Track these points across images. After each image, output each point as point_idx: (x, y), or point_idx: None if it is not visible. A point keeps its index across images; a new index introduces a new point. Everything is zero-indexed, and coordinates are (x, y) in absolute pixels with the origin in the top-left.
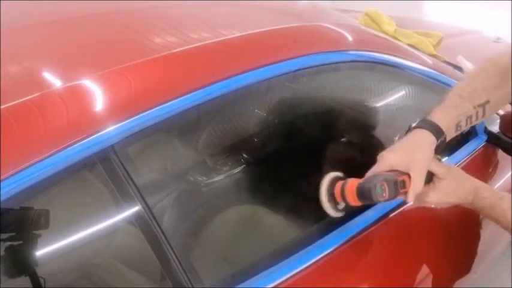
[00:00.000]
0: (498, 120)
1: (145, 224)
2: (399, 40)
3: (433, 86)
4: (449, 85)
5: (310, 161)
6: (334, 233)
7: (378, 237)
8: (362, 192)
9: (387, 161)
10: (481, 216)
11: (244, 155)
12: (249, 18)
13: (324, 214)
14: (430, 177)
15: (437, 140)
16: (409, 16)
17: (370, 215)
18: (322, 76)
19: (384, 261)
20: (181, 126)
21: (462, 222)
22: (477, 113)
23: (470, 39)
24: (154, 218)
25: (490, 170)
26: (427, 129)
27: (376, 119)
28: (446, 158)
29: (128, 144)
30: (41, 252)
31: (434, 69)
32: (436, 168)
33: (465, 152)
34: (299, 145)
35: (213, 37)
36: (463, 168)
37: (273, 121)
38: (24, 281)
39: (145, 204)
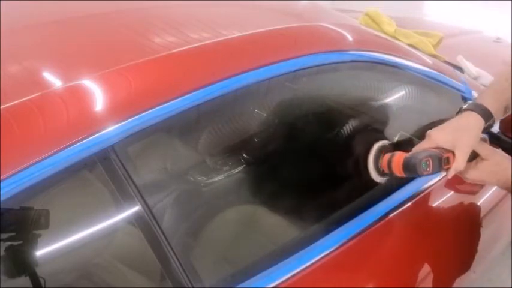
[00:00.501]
0: (498, 121)
1: (145, 224)
2: (399, 40)
3: (433, 86)
4: (449, 85)
5: (310, 161)
6: (334, 232)
7: (378, 237)
8: (408, 166)
9: (435, 139)
10: (481, 215)
11: (244, 155)
12: (249, 18)
13: (324, 214)
14: (473, 156)
15: (486, 123)
16: (409, 16)
17: (370, 215)
18: (322, 76)
19: (385, 261)
20: (181, 126)
21: (463, 221)
22: None
23: (470, 39)
24: (154, 218)
25: None
26: (477, 112)
27: (376, 119)
28: None
29: (128, 144)
30: (41, 252)
31: (434, 69)
32: (481, 148)
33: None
34: (299, 145)
35: (213, 37)
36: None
37: (273, 121)
38: (24, 281)
39: (145, 204)
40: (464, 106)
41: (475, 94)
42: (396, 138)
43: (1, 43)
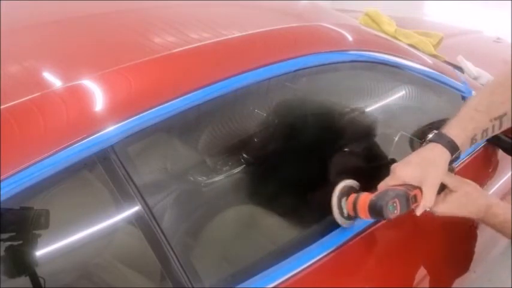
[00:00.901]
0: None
1: (145, 224)
2: (399, 40)
3: (433, 86)
4: (449, 85)
5: (310, 161)
6: (334, 233)
7: (378, 238)
8: (374, 209)
9: (400, 175)
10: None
11: (244, 155)
12: (249, 18)
13: (324, 214)
14: (441, 188)
15: (452, 156)
16: (409, 16)
17: None
18: (322, 76)
19: (384, 261)
20: (181, 126)
21: (461, 221)
22: (493, 126)
23: (470, 39)
24: (154, 218)
25: (490, 170)
26: (442, 145)
27: (376, 119)
28: None
29: (128, 144)
30: (41, 252)
31: (434, 69)
32: (448, 180)
33: (465, 152)
34: (299, 145)
35: (213, 37)
36: (463, 168)
37: (273, 121)
38: (24, 281)
39: (145, 204)
40: (429, 137)
41: (475, 94)
42: (396, 139)
43: (1, 43)
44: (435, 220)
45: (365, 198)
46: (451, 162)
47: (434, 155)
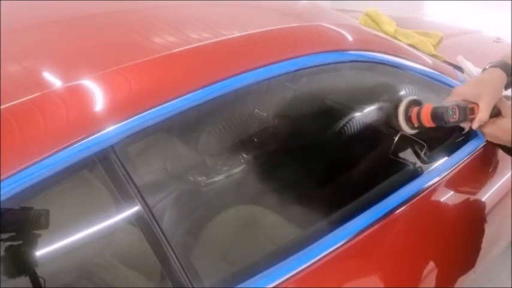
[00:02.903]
0: None
1: (145, 224)
2: (399, 40)
3: (433, 86)
4: (449, 85)
5: (310, 161)
6: (335, 232)
7: (380, 236)
8: (436, 115)
9: (460, 92)
10: (486, 212)
11: (244, 155)
12: (249, 18)
13: (324, 214)
14: (496, 114)
15: (508, 77)
16: (409, 16)
17: (372, 214)
18: (322, 76)
19: (386, 260)
20: (181, 126)
21: (466, 219)
22: None
23: (470, 39)
24: (154, 218)
25: (490, 170)
26: (500, 67)
27: (376, 119)
28: (447, 158)
29: (128, 144)
30: (41, 252)
31: (434, 69)
32: (502, 105)
33: (465, 152)
34: (299, 145)
35: (213, 37)
36: (463, 169)
37: (273, 121)
38: (24, 281)
39: (145, 204)
40: (488, 65)
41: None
42: (396, 139)
43: (1, 43)
44: (441, 218)
45: (428, 107)
46: (508, 86)
47: (491, 76)
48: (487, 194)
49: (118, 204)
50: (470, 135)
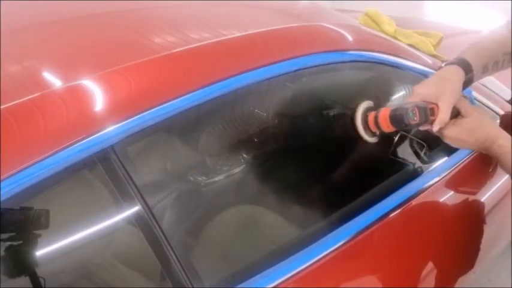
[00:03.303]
0: (498, 120)
1: (145, 224)
2: (399, 40)
3: None
4: None
5: (310, 161)
6: (335, 232)
7: (379, 237)
8: (395, 118)
9: (418, 93)
10: (486, 212)
11: (244, 155)
12: (249, 18)
13: (324, 214)
14: (456, 114)
15: (466, 75)
16: (409, 16)
17: (371, 215)
18: (322, 76)
19: (386, 260)
20: (181, 126)
21: (466, 219)
22: (504, 60)
23: (470, 39)
24: (154, 218)
25: (490, 170)
26: (457, 64)
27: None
28: (446, 158)
29: (128, 144)
30: (41, 252)
31: (434, 69)
32: (461, 104)
33: (465, 152)
34: (299, 145)
35: (213, 37)
36: (462, 169)
37: (273, 121)
38: (24, 281)
39: (145, 204)
40: (444, 63)
41: (475, 94)
42: (396, 139)
43: (1, 43)
44: (445, 217)
45: (385, 111)
46: (465, 84)
47: (449, 73)
48: (487, 194)
49: (118, 204)
50: None
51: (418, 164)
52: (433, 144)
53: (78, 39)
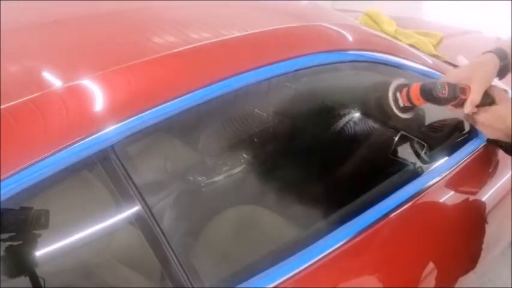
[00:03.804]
0: None
1: (145, 224)
2: (399, 40)
3: None
4: None
5: (310, 161)
6: (335, 232)
7: (380, 236)
8: (424, 91)
9: (451, 74)
10: (486, 212)
11: (244, 155)
12: (249, 18)
13: (324, 214)
14: (490, 103)
15: (501, 62)
16: (409, 16)
17: (371, 215)
18: (322, 76)
19: (386, 260)
20: (181, 126)
21: (466, 219)
22: None
23: (470, 39)
24: (154, 218)
25: (490, 170)
26: (493, 52)
27: (375, 119)
28: (447, 158)
29: (128, 144)
30: (41, 252)
31: (434, 69)
32: (496, 91)
33: (465, 152)
34: (299, 145)
35: (213, 37)
36: (463, 169)
37: (273, 121)
38: (24, 281)
39: (145, 204)
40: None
41: None
42: (396, 138)
43: (1, 43)
44: (446, 217)
45: (416, 85)
46: (501, 71)
47: (484, 59)
48: (487, 194)
49: (118, 204)
50: (471, 134)
51: (419, 163)
52: (434, 144)
53: (78, 39)
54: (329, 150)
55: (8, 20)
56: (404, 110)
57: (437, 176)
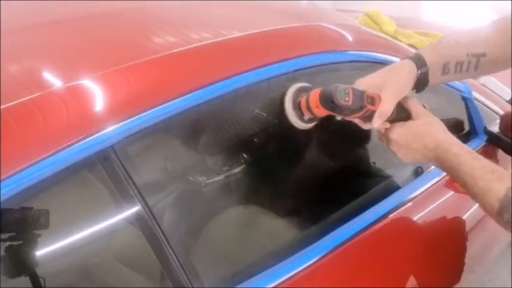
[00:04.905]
0: (498, 121)
1: (145, 224)
2: (399, 40)
3: (432, 86)
4: (449, 85)
5: (309, 161)
6: (335, 232)
7: (379, 236)
8: (324, 96)
9: (361, 81)
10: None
11: (244, 155)
12: (249, 18)
13: (324, 215)
14: (405, 116)
15: (418, 70)
16: (409, 16)
17: (371, 215)
18: (322, 76)
19: (386, 260)
20: (181, 126)
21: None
22: (469, 62)
23: None
24: (154, 218)
25: None
26: (410, 58)
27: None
28: None
29: (128, 144)
30: (41, 252)
31: None
32: (412, 105)
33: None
34: (299, 145)
35: (213, 37)
36: None
37: (273, 121)
38: (24, 281)
39: (145, 204)
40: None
41: (475, 94)
42: None
43: (1, 43)
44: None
45: (316, 90)
46: (418, 82)
47: (398, 65)
48: None
49: (118, 204)
50: (470, 134)
51: (419, 164)
52: None
53: (78, 39)
54: (329, 151)
55: (8, 20)
56: (305, 120)
57: (437, 176)
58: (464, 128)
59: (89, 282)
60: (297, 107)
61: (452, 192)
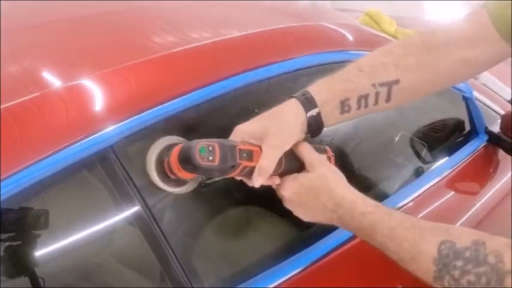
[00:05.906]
0: (499, 120)
1: (145, 224)
2: None
3: None
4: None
5: None
6: (335, 232)
7: None
8: (181, 155)
9: (239, 130)
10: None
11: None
12: (249, 18)
13: None
14: (297, 168)
15: (306, 113)
16: (409, 16)
17: None
18: (322, 76)
19: (386, 259)
20: (181, 126)
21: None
22: (377, 93)
23: None
24: (154, 218)
25: (490, 170)
26: (296, 98)
27: (375, 119)
28: (447, 158)
29: (128, 144)
30: (41, 252)
31: None
32: (305, 154)
33: (466, 152)
34: None
35: (213, 37)
36: (463, 169)
37: None
38: (24, 281)
39: (145, 204)
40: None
41: (475, 94)
42: (396, 139)
43: (1, 43)
44: (446, 218)
45: (177, 148)
46: (309, 127)
47: (282, 109)
48: (488, 194)
49: (117, 204)
50: (471, 134)
51: (419, 163)
52: (434, 145)
53: (78, 39)
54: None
55: (8, 20)
56: (170, 182)
57: (437, 176)
58: (465, 128)
59: (88, 282)
60: (162, 169)
61: (452, 192)
